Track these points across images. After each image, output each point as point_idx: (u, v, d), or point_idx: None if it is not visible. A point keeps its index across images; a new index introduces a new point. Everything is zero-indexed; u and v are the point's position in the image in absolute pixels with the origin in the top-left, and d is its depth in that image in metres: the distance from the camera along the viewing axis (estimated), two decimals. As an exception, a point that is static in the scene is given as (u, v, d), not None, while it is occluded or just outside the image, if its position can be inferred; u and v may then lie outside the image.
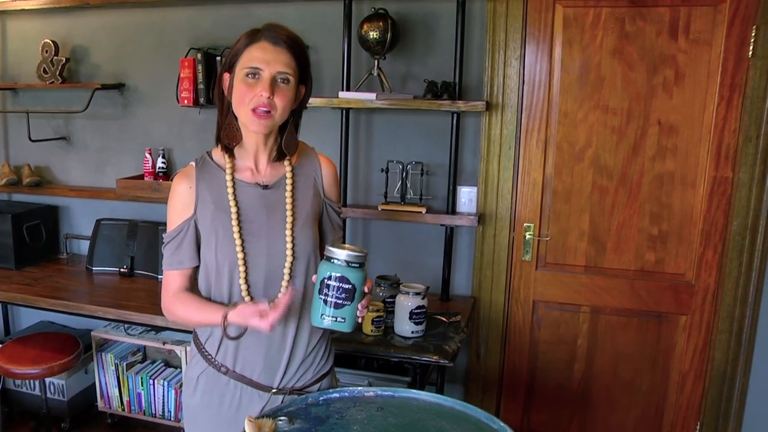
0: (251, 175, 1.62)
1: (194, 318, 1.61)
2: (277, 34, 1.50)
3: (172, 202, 1.63)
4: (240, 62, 1.51)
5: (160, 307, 2.23)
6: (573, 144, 2.76)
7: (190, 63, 3.02)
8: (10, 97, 3.56)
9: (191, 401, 1.69)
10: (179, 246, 1.61)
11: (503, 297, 2.93)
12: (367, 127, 2.98)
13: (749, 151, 2.56)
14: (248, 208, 1.59)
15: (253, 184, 1.61)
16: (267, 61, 1.48)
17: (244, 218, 1.58)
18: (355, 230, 3.06)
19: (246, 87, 1.49)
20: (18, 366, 2.88)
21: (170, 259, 1.63)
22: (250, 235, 1.58)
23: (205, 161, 1.63)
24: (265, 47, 1.49)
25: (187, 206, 1.60)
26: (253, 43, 1.50)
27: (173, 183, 1.64)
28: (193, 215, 1.60)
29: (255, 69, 1.49)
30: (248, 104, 1.50)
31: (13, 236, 3.23)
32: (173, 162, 3.31)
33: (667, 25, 2.57)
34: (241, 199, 1.59)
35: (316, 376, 1.70)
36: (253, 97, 1.49)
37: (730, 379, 2.74)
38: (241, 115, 1.53)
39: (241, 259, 1.56)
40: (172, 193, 1.63)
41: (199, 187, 1.60)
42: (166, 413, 3.21)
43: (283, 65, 1.50)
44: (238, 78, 1.51)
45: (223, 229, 1.57)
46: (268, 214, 1.60)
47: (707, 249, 2.69)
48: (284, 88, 1.51)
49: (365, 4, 2.79)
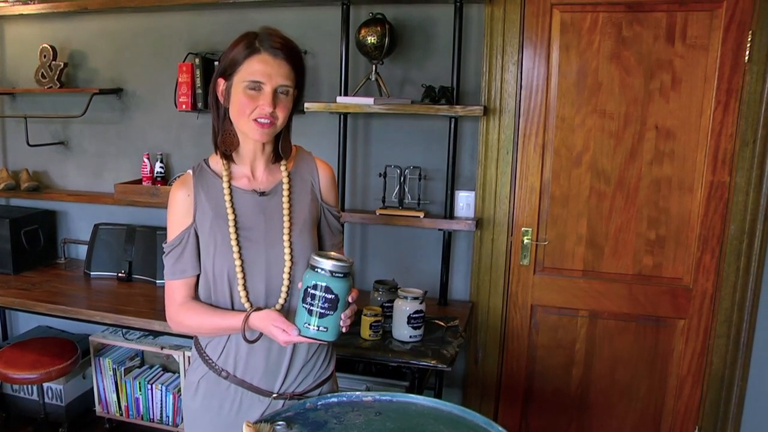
0: (248, 182, 1.63)
1: (208, 325, 1.60)
2: (276, 45, 1.50)
3: (172, 210, 1.63)
4: (239, 73, 1.51)
5: (157, 312, 2.23)
6: (570, 149, 2.76)
7: (188, 68, 3.02)
8: (9, 102, 3.56)
9: (191, 405, 1.69)
10: (181, 255, 1.61)
11: (501, 301, 2.93)
12: (365, 131, 2.99)
13: (746, 155, 2.57)
14: (246, 216, 1.60)
15: (251, 191, 1.62)
16: (269, 75, 1.49)
17: (241, 225, 1.58)
18: (353, 235, 3.06)
19: (248, 99, 1.50)
20: (16, 371, 2.88)
21: (173, 268, 1.62)
22: (248, 241, 1.58)
23: (202, 169, 1.63)
24: (265, 60, 1.49)
25: (186, 214, 1.61)
26: (252, 55, 1.49)
27: (171, 192, 1.64)
28: (192, 223, 1.60)
29: (257, 83, 1.49)
30: (250, 115, 1.51)
31: (11, 241, 3.22)
32: (171, 167, 3.31)
33: (663, 30, 2.58)
34: (239, 207, 1.60)
35: (316, 381, 1.70)
36: (255, 109, 1.50)
37: (728, 383, 2.74)
38: (241, 124, 1.54)
39: (239, 267, 1.56)
40: (171, 201, 1.63)
41: (197, 195, 1.60)
42: (164, 418, 3.20)
43: (284, 78, 1.50)
44: (238, 89, 1.51)
45: (221, 237, 1.58)
46: (266, 220, 1.60)
47: (705, 253, 2.70)
48: (284, 100, 1.53)
49: (363, 9, 2.79)
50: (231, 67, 1.52)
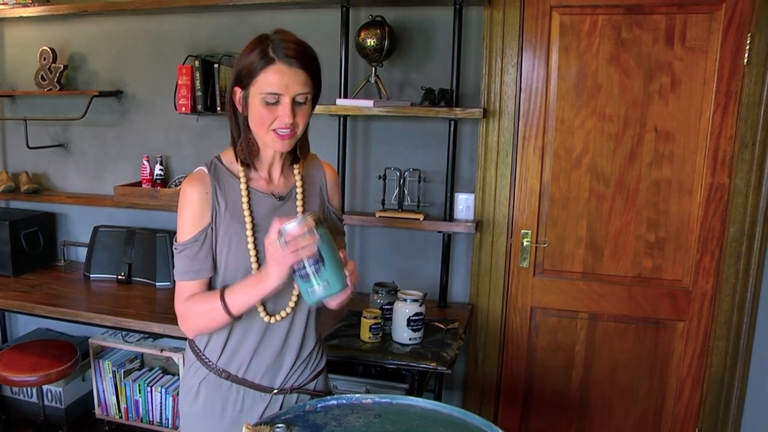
0: (266, 185, 1.61)
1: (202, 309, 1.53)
2: (291, 54, 1.46)
3: (188, 207, 1.55)
4: (256, 84, 1.47)
5: (157, 315, 2.22)
6: (570, 151, 2.77)
7: (187, 70, 3.03)
8: (8, 105, 3.56)
9: (192, 410, 1.68)
10: (196, 255, 1.55)
11: (501, 304, 2.93)
12: (364, 134, 2.99)
13: (745, 157, 2.57)
14: (262, 219, 1.57)
15: (269, 195, 1.60)
16: (286, 86, 1.45)
17: (257, 229, 1.56)
18: (353, 237, 3.06)
19: (267, 111, 1.47)
20: (15, 373, 2.88)
21: (186, 268, 1.55)
22: (262, 245, 1.54)
23: (217, 167, 1.59)
24: (282, 71, 1.45)
25: (204, 213, 1.55)
26: (268, 66, 1.45)
27: (185, 188, 1.56)
28: (210, 223, 1.55)
29: (275, 95, 1.46)
30: (270, 126, 1.49)
31: (10, 243, 3.22)
32: (171, 169, 3.32)
33: (663, 33, 2.58)
34: (256, 209, 1.58)
35: (312, 374, 1.72)
36: (274, 120, 1.48)
37: (728, 385, 2.74)
38: (261, 134, 1.52)
39: (255, 270, 1.54)
40: (186, 199, 1.55)
41: (214, 195, 1.56)
42: (163, 420, 3.20)
43: (301, 86, 1.47)
44: (255, 100, 1.48)
45: (236, 239, 1.55)
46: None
47: (704, 255, 2.70)
48: (303, 107, 1.51)
49: (362, 12, 2.80)
50: (247, 77, 1.48)
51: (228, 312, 1.50)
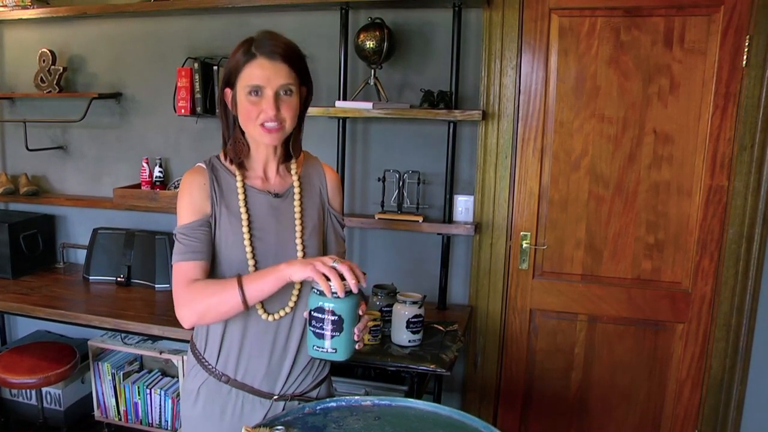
0: (262, 183, 1.63)
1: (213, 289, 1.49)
2: (272, 48, 1.51)
3: (188, 193, 1.56)
4: (240, 80, 1.52)
5: (156, 316, 2.21)
6: (569, 153, 2.77)
7: (187, 72, 3.03)
8: (8, 107, 3.56)
9: (192, 413, 1.68)
10: (196, 237, 1.54)
11: (500, 306, 2.93)
12: (363, 136, 2.99)
13: (744, 159, 2.57)
14: (259, 216, 1.60)
15: (265, 192, 1.62)
16: (267, 78, 1.49)
17: (254, 226, 1.58)
18: (352, 239, 3.06)
19: (251, 105, 1.51)
20: (14, 376, 2.88)
21: (185, 248, 1.53)
22: (259, 242, 1.58)
23: (215, 165, 1.62)
24: (263, 64, 1.50)
25: (204, 202, 1.56)
26: (250, 61, 1.50)
27: (185, 178, 1.59)
28: (211, 214, 1.57)
29: (257, 87, 1.50)
30: (256, 120, 1.52)
31: (9, 245, 3.22)
32: (170, 171, 3.32)
33: (661, 35, 2.58)
34: (252, 207, 1.60)
35: (315, 381, 1.71)
36: (259, 113, 1.51)
37: (727, 387, 2.74)
38: (249, 130, 1.55)
39: (252, 267, 1.56)
40: (187, 186, 1.57)
41: (213, 188, 1.58)
42: (163, 422, 3.20)
43: (283, 78, 1.51)
44: (241, 96, 1.52)
45: (233, 236, 1.57)
46: (277, 222, 1.61)
47: (703, 257, 2.70)
48: (288, 100, 1.53)
49: (362, 14, 2.80)
50: (233, 75, 1.53)
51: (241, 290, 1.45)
